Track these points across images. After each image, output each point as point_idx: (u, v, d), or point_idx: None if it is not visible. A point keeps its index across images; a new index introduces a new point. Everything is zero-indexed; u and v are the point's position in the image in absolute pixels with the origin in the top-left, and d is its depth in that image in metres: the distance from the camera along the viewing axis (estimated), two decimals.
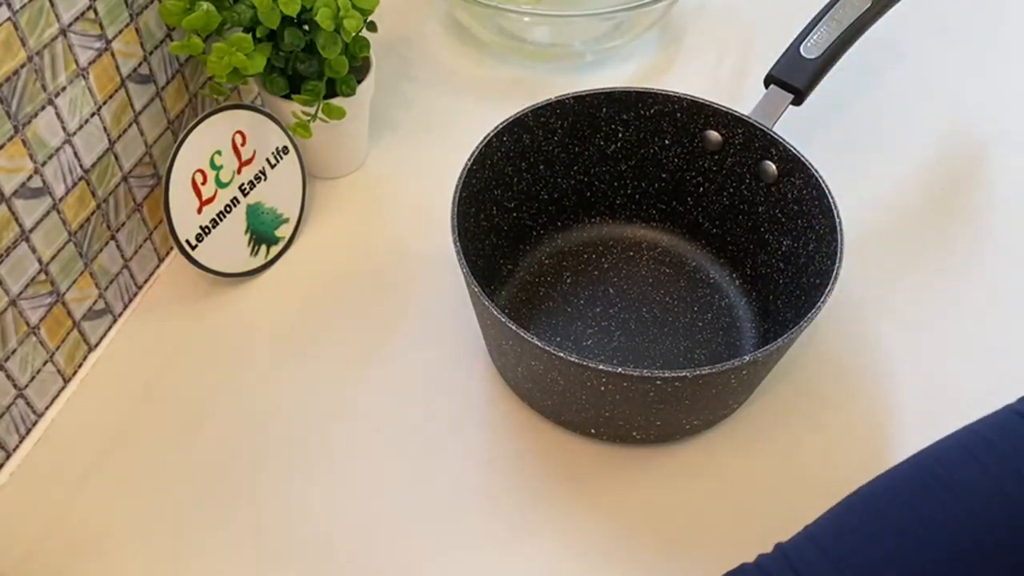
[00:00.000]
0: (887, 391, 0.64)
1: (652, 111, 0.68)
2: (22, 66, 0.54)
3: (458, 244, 0.59)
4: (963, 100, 0.84)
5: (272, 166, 0.72)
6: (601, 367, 0.53)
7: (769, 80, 0.68)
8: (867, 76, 0.85)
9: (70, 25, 0.57)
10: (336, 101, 0.71)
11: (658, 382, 0.54)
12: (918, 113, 0.83)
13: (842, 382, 0.65)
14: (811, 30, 0.68)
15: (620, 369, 0.53)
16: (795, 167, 0.63)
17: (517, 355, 0.59)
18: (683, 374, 0.53)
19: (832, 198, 0.61)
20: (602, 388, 0.55)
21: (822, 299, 0.56)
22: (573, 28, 0.87)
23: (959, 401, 0.62)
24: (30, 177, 0.57)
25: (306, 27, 0.69)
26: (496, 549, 0.58)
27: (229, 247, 0.69)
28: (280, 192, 0.72)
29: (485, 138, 0.64)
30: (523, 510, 0.59)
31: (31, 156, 0.56)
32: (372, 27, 0.72)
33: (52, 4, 0.55)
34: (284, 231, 0.73)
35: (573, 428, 0.62)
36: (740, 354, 0.64)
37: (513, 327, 0.55)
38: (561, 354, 0.54)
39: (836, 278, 0.57)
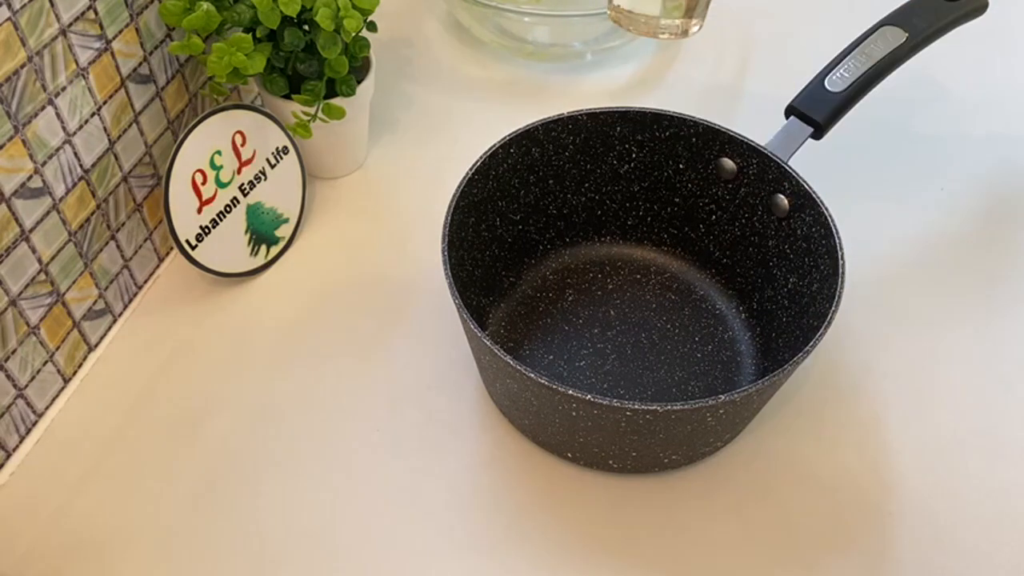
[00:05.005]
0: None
1: (667, 134, 0.67)
2: (22, 66, 0.54)
3: (446, 253, 0.58)
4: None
5: (272, 166, 0.72)
6: (570, 392, 0.52)
7: (790, 111, 0.66)
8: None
9: (70, 25, 0.57)
10: (336, 101, 0.71)
11: (628, 413, 0.53)
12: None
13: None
14: (838, 63, 0.66)
15: (589, 396, 0.52)
16: (806, 203, 0.62)
17: (495, 371, 0.59)
18: (653, 407, 0.52)
19: (838, 239, 0.59)
20: (573, 413, 0.54)
21: (811, 344, 0.54)
22: (573, 28, 0.87)
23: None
24: (30, 177, 0.57)
25: (306, 27, 0.69)
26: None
27: (229, 247, 0.69)
28: (280, 192, 0.72)
29: (490, 149, 0.64)
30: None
31: (31, 156, 0.56)
32: (372, 27, 0.72)
33: (52, 4, 0.55)
34: (284, 231, 0.73)
35: (550, 449, 0.61)
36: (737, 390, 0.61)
37: (488, 343, 0.54)
38: (531, 375, 0.53)
39: (829, 324, 0.55)
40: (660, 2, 0.73)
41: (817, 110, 0.65)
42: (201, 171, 0.67)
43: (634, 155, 0.68)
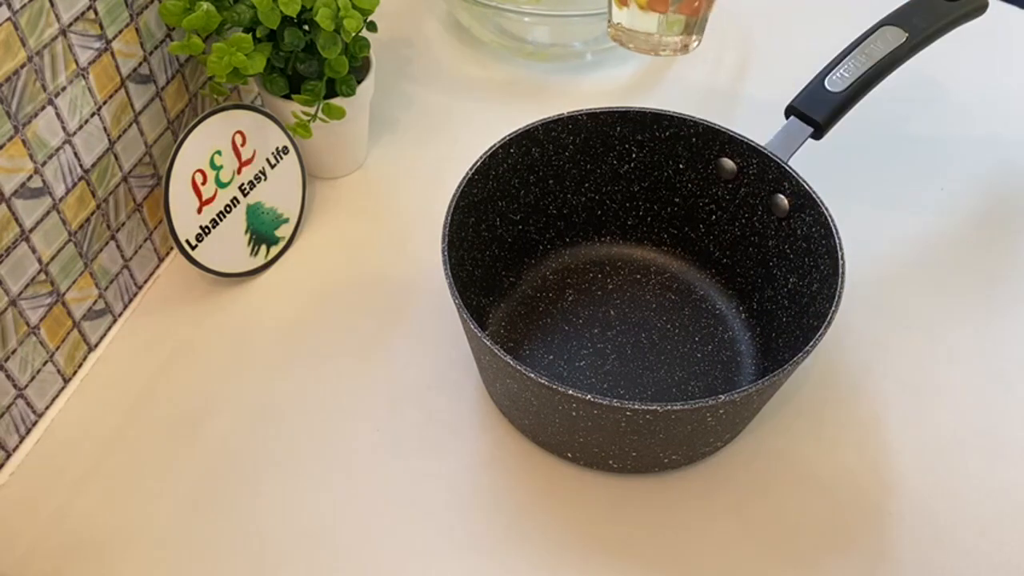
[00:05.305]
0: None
1: (667, 134, 0.67)
2: (22, 66, 0.54)
3: (446, 253, 0.58)
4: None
5: (272, 166, 0.72)
6: (570, 392, 0.52)
7: (789, 111, 0.65)
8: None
9: (70, 25, 0.57)
10: (336, 101, 0.71)
11: (628, 413, 0.53)
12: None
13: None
14: (838, 63, 0.66)
15: (589, 396, 0.52)
16: (806, 203, 0.61)
17: (495, 371, 0.58)
18: (653, 407, 0.52)
19: (838, 239, 0.59)
20: (573, 413, 0.54)
21: (811, 344, 0.54)
22: (573, 28, 0.87)
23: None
24: (30, 177, 0.57)
25: (306, 27, 0.69)
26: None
27: (229, 247, 0.69)
28: (280, 192, 0.72)
29: (490, 149, 0.64)
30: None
31: (31, 156, 0.56)
32: (372, 27, 0.72)
33: (52, 4, 0.55)
34: (284, 231, 0.73)
35: (550, 449, 0.61)
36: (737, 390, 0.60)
37: (488, 343, 0.54)
38: (531, 375, 0.53)
39: (829, 324, 0.55)
40: (658, 20, 0.74)
41: (817, 110, 0.65)
42: (201, 171, 0.67)
43: (634, 155, 0.68)
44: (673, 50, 0.76)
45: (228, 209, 0.69)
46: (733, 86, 0.87)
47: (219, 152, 0.67)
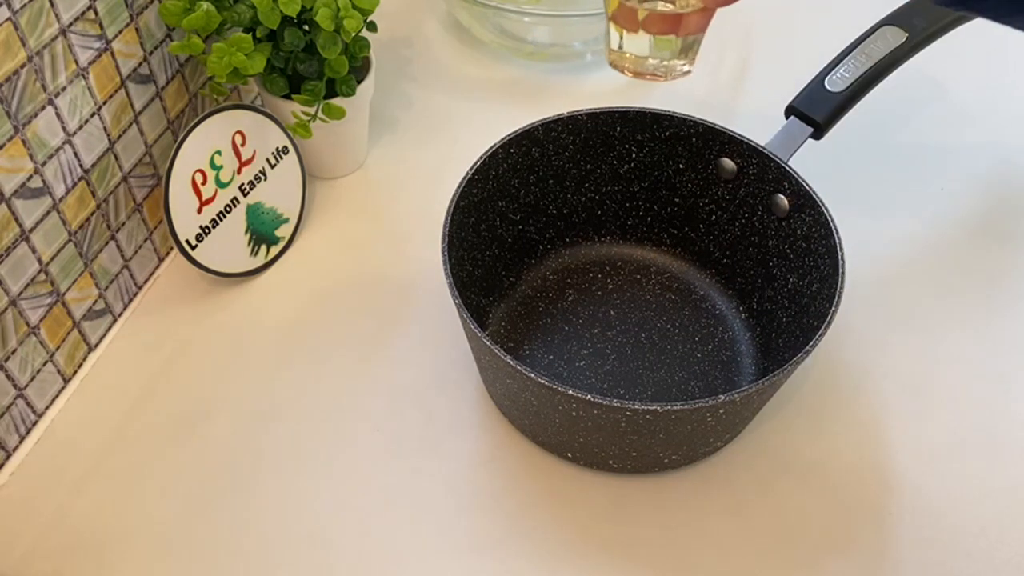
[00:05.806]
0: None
1: (667, 134, 0.67)
2: (22, 66, 0.54)
3: (446, 253, 0.58)
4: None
5: (272, 166, 0.72)
6: (570, 392, 0.52)
7: (789, 111, 0.66)
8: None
9: (70, 25, 0.57)
10: (336, 101, 0.71)
11: (628, 413, 0.53)
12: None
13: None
14: (838, 63, 0.66)
15: (589, 396, 0.52)
16: (806, 203, 0.62)
17: (495, 371, 0.58)
18: (653, 407, 0.52)
19: (838, 239, 0.59)
20: (573, 413, 0.54)
21: (811, 344, 0.54)
22: (573, 28, 0.87)
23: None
24: (30, 177, 0.57)
25: (306, 27, 0.69)
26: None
27: (229, 247, 0.69)
28: (280, 192, 0.72)
29: (490, 149, 0.64)
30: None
31: (31, 156, 0.56)
32: (372, 27, 0.72)
33: (52, 4, 0.55)
34: (284, 231, 0.73)
35: (550, 449, 0.61)
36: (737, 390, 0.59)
37: (488, 343, 0.54)
38: (531, 375, 0.53)
39: (829, 324, 0.55)
40: (648, 44, 0.74)
41: (817, 110, 0.65)
42: (201, 171, 0.67)
43: (634, 155, 0.68)
44: (676, 74, 0.76)
45: (228, 209, 0.69)
46: (733, 86, 0.87)
47: (219, 152, 0.68)
